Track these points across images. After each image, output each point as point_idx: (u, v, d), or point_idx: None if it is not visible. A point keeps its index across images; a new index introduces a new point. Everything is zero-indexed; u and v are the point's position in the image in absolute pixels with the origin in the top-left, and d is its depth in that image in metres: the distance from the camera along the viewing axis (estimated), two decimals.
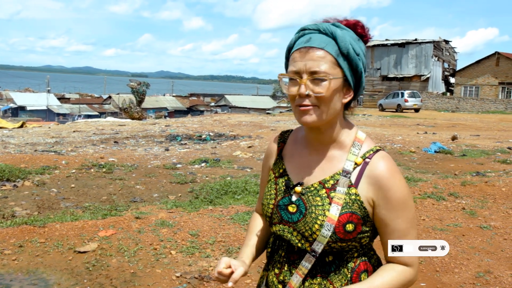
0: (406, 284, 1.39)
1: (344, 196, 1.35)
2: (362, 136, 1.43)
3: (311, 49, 1.31)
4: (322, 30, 1.34)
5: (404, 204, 1.36)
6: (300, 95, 1.32)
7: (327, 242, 1.35)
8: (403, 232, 1.38)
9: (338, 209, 1.34)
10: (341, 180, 1.37)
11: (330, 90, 1.31)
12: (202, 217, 5.60)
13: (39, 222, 5.06)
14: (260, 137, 15.15)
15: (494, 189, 7.00)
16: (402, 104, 34.72)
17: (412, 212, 1.39)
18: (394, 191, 1.34)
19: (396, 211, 1.35)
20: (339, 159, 1.41)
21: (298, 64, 1.32)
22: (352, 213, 1.34)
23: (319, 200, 1.38)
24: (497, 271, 4.27)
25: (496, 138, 15.80)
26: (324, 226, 1.34)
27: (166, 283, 3.90)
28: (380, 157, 1.37)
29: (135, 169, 9.01)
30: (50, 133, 17.39)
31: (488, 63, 43.91)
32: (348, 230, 1.34)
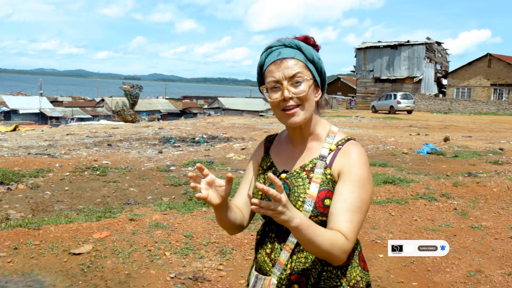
0: (336, 247, 1.43)
1: (321, 176, 1.56)
2: (335, 129, 1.67)
3: (284, 59, 1.56)
4: (288, 44, 1.59)
5: (362, 183, 1.53)
6: (284, 99, 1.55)
7: (310, 216, 1.52)
8: (352, 206, 1.50)
9: (316, 187, 1.54)
10: (318, 163, 1.58)
11: (307, 89, 1.56)
12: (196, 218, 5.63)
13: (33, 224, 5.07)
14: (253, 139, 15.19)
15: (485, 190, 7.07)
16: (394, 105, 34.89)
17: (367, 195, 1.54)
18: (356, 168, 1.54)
19: (353, 186, 1.52)
20: (317, 148, 1.64)
21: (276, 74, 1.56)
22: (329, 190, 1.54)
23: (300, 181, 1.58)
24: (488, 270, 4.33)
25: (488, 139, 15.93)
26: (306, 202, 1.53)
27: (160, 284, 3.93)
28: (351, 143, 1.60)
29: (129, 171, 9.02)
30: (43, 136, 17.34)
31: (480, 64, 44.19)
32: (326, 205, 1.53)
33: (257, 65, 1.66)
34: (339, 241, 1.45)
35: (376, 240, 5.11)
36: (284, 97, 1.54)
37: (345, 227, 1.47)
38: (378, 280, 4.17)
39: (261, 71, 1.63)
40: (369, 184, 1.56)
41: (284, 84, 1.54)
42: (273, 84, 1.56)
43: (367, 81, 49.69)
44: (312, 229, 1.39)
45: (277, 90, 1.56)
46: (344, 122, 23.99)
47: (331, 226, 1.49)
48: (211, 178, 1.48)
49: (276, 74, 1.55)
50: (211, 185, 1.49)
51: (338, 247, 1.44)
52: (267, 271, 1.63)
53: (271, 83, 1.57)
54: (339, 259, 1.48)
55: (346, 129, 18.67)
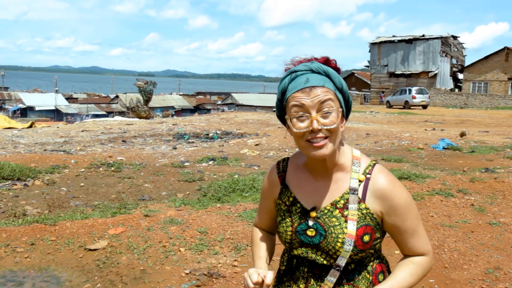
0: (426, 270, 1.57)
1: (356, 212, 1.51)
2: (358, 154, 1.59)
3: (314, 88, 1.44)
4: (315, 69, 1.48)
5: (408, 207, 1.53)
6: (313, 130, 1.43)
7: (349, 255, 1.50)
8: (413, 229, 1.55)
9: (354, 224, 1.49)
10: (351, 197, 1.52)
11: (338, 121, 1.46)
12: (210, 214, 5.63)
13: (50, 220, 5.12)
14: (267, 135, 15.16)
15: (503, 186, 6.96)
16: (409, 100, 34.55)
17: (415, 210, 1.56)
18: (398, 198, 1.52)
19: (403, 214, 1.52)
20: (344, 180, 1.55)
21: (304, 101, 1.44)
22: (367, 225, 1.51)
23: (335, 220, 1.52)
24: (507, 267, 4.26)
25: (506, 134, 15.70)
26: (346, 242, 1.49)
27: (175, 280, 3.94)
28: (378, 172, 1.55)
29: (143, 167, 9.06)
30: (59, 133, 17.51)
31: (497, 58, 43.50)
32: (365, 241, 1.51)
33: (278, 89, 1.54)
34: (424, 264, 1.57)
35: None
36: (313, 129, 1.43)
37: (418, 248, 1.56)
38: None
39: (283, 97, 1.51)
40: (411, 200, 1.56)
41: (313, 114, 1.43)
42: (300, 113, 1.44)
43: (382, 76, 49.29)
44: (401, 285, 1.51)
45: (304, 119, 1.44)
46: (358, 117, 23.82)
47: (406, 253, 1.59)
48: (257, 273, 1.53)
49: (304, 101, 1.43)
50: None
51: (426, 268, 1.57)
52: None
53: (298, 112, 1.45)
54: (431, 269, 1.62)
55: (361, 125, 18.54)
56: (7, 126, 23.56)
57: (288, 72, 1.51)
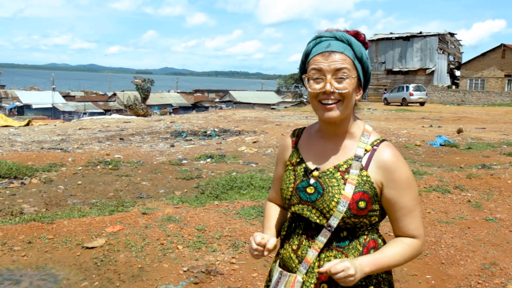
0: (415, 254, 1.59)
1: (356, 177, 1.55)
2: (369, 128, 1.66)
3: (333, 53, 1.53)
4: (339, 37, 1.56)
5: (409, 184, 1.57)
6: (325, 92, 1.54)
7: (342, 217, 1.53)
8: (409, 208, 1.57)
9: (352, 188, 1.54)
10: (354, 163, 1.57)
11: (352, 87, 1.55)
12: (208, 212, 5.64)
13: (47, 218, 5.11)
14: (265, 133, 15.17)
15: (499, 182, 6.99)
16: (407, 97, 34.58)
17: (416, 191, 1.60)
18: (399, 173, 1.56)
19: (402, 190, 1.56)
20: (351, 147, 1.62)
21: (322, 65, 1.53)
22: (364, 192, 1.54)
23: (334, 181, 1.57)
24: (503, 263, 4.29)
25: (502, 131, 15.74)
26: (340, 202, 1.53)
27: (173, 277, 3.94)
28: (385, 145, 1.60)
29: (141, 165, 9.06)
30: (56, 131, 17.49)
31: (493, 55, 43.57)
32: (360, 207, 1.53)
33: (302, 52, 1.64)
34: (415, 247, 1.58)
35: (390, 233, 5.07)
36: (325, 90, 1.53)
37: (411, 229, 1.58)
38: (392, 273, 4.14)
39: (306, 59, 1.61)
40: (413, 179, 1.59)
41: (327, 77, 1.53)
42: (317, 75, 1.55)
43: (379, 73, 49.32)
44: (386, 260, 1.53)
45: (320, 81, 1.55)
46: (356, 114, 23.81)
47: (398, 233, 1.62)
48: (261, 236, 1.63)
49: (321, 65, 1.53)
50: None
51: (416, 252, 1.59)
52: (293, 268, 1.63)
53: (315, 74, 1.55)
54: (421, 254, 1.63)
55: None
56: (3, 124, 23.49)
57: (314, 37, 1.61)
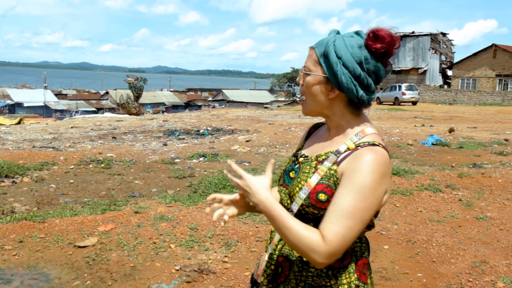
0: (307, 244, 1.38)
1: (326, 170, 1.49)
2: (369, 131, 1.53)
3: (311, 48, 1.56)
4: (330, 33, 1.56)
5: (361, 190, 1.39)
6: (298, 84, 1.58)
7: (301, 204, 1.49)
8: (342, 210, 1.38)
9: (317, 178, 1.49)
10: (331, 157, 1.51)
11: (307, 83, 1.54)
12: (201, 211, 5.64)
13: (38, 217, 5.09)
14: (258, 131, 15.18)
15: (490, 181, 7.05)
16: (399, 97, 34.73)
17: (364, 204, 1.39)
18: (359, 173, 1.40)
19: (349, 190, 1.40)
20: (339, 142, 1.55)
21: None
22: (328, 186, 1.46)
23: (308, 168, 1.55)
24: (493, 261, 4.32)
25: (493, 130, 15.85)
26: (302, 189, 1.50)
27: (165, 276, 3.94)
28: (371, 148, 1.45)
29: (134, 164, 9.04)
30: (48, 129, 17.39)
31: (485, 55, 43.88)
32: (320, 199, 1.46)
33: None
34: (310, 240, 1.37)
35: (381, 232, 5.10)
36: (296, 82, 1.59)
37: (327, 228, 1.38)
38: (383, 271, 4.17)
39: None
40: (372, 194, 1.39)
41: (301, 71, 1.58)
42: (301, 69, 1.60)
43: None
44: (280, 213, 1.42)
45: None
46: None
47: (319, 226, 1.43)
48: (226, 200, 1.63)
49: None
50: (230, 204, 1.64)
51: (307, 245, 1.37)
52: (267, 248, 1.68)
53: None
54: (312, 260, 1.38)
55: None
56: None
57: None
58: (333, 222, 1.38)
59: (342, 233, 1.37)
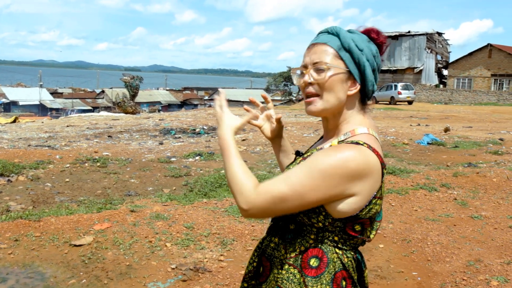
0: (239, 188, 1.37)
1: None
2: (359, 131, 1.47)
3: (316, 44, 1.48)
4: (330, 31, 1.50)
5: (312, 167, 1.34)
6: (305, 83, 1.48)
7: None
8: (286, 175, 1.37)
9: None
10: (314, 153, 1.47)
11: (329, 78, 1.44)
12: (197, 209, 5.64)
13: (34, 216, 5.08)
14: (254, 130, 15.18)
15: (485, 180, 7.08)
16: (395, 96, 34.80)
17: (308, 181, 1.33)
18: (318, 153, 1.39)
19: (302, 163, 1.39)
20: (330, 141, 1.52)
21: (305, 58, 1.50)
22: None
23: (293, 165, 1.55)
24: (487, 260, 4.35)
25: (488, 130, 15.91)
26: None
27: (161, 275, 3.95)
28: (349, 145, 1.38)
29: (130, 163, 9.03)
30: (44, 128, 17.34)
31: (480, 55, 44.02)
32: None
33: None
34: (244, 182, 1.37)
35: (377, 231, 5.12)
36: (304, 81, 1.47)
37: (264, 182, 1.37)
38: (378, 270, 4.19)
39: None
40: (322, 178, 1.32)
41: (308, 68, 1.48)
42: (301, 68, 1.50)
43: None
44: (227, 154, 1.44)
45: (304, 75, 1.49)
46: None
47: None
48: (271, 113, 1.78)
49: (305, 58, 1.49)
50: (269, 119, 1.78)
51: (238, 185, 1.37)
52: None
53: (300, 67, 1.52)
54: (237, 203, 1.38)
55: None
56: None
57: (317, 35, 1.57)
58: (272, 181, 1.37)
59: (272, 192, 1.34)
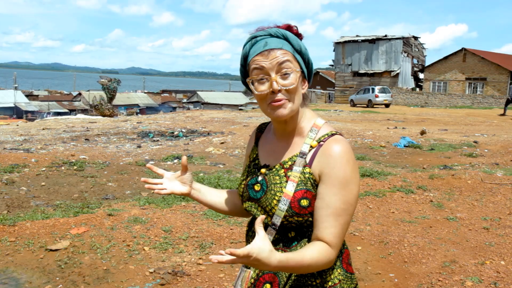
0: (325, 263, 1.43)
1: (299, 175, 1.48)
2: (320, 123, 1.56)
3: (272, 50, 1.47)
4: (274, 34, 1.50)
5: (344, 184, 1.43)
6: (273, 91, 1.46)
7: (284, 216, 1.48)
8: (335, 210, 1.43)
9: (293, 186, 1.48)
10: (298, 160, 1.50)
11: (297, 81, 1.48)
12: (175, 213, 5.62)
13: (8, 221, 4.99)
14: (233, 133, 15.18)
15: (460, 182, 7.21)
16: (372, 99, 35.21)
17: (351, 196, 1.44)
18: (338, 169, 1.43)
19: (335, 188, 1.43)
20: (299, 144, 1.55)
21: (263, 63, 1.47)
22: (307, 190, 1.47)
23: (277, 178, 1.53)
24: (462, 261, 4.43)
25: (463, 132, 16.21)
26: (281, 201, 1.48)
27: (139, 279, 3.92)
28: (334, 140, 1.48)
29: (107, 166, 8.93)
30: (19, 131, 17.03)
31: (455, 59, 44.87)
32: (303, 205, 1.46)
33: (240, 56, 1.57)
34: (323, 255, 1.41)
35: (354, 233, 5.17)
36: (273, 90, 1.45)
37: (329, 233, 1.42)
38: (356, 272, 4.23)
39: (245, 63, 1.55)
40: (354, 183, 1.45)
41: (272, 76, 1.45)
42: (260, 75, 1.47)
43: (346, 75, 50.03)
44: (294, 261, 1.36)
45: (264, 82, 1.47)
46: (323, 115, 24.09)
47: (316, 233, 1.46)
48: (168, 175, 1.69)
49: (263, 63, 1.46)
50: (173, 179, 1.69)
51: (323, 261, 1.42)
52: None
53: (258, 75, 1.48)
54: (327, 267, 1.47)
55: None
56: None
57: (249, 38, 1.53)
58: (332, 225, 1.43)
59: (342, 231, 1.44)
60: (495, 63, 42.45)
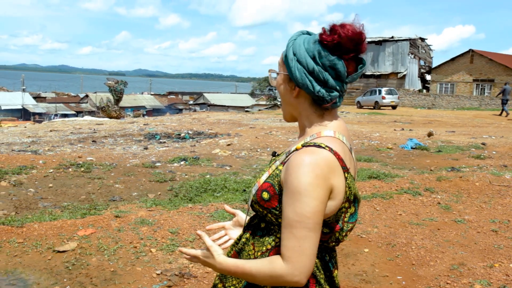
0: (277, 276, 1.36)
1: (274, 169, 1.51)
2: (325, 133, 1.48)
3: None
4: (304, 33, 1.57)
5: (296, 195, 1.35)
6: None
7: (252, 200, 1.52)
8: (288, 221, 1.36)
9: (266, 176, 1.52)
10: (282, 157, 1.53)
11: (278, 83, 1.58)
12: (182, 215, 5.62)
13: (16, 222, 5.01)
14: (239, 135, 15.18)
15: (468, 184, 7.17)
16: (379, 101, 35.10)
17: (307, 209, 1.34)
18: (293, 178, 1.36)
19: (288, 198, 1.37)
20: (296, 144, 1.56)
21: None
22: (271, 185, 1.47)
23: (267, 168, 1.58)
24: (470, 263, 4.40)
25: (471, 134, 16.13)
26: (254, 185, 1.54)
27: (146, 280, 3.92)
28: (307, 149, 1.41)
29: (114, 168, 8.96)
30: (26, 133, 17.13)
31: (462, 60, 44.65)
32: (263, 197, 1.47)
33: None
34: (274, 269, 1.36)
35: (361, 235, 5.15)
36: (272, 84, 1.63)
37: (283, 246, 1.36)
38: (364, 274, 4.21)
39: None
40: (310, 197, 1.34)
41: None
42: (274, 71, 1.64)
43: None
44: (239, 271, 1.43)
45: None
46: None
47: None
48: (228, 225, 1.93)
49: None
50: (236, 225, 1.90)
51: (274, 276, 1.36)
52: None
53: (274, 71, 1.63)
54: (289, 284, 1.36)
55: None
56: None
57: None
58: (285, 237, 1.36)
59: (297, 245, 1.34)
60: (503, 64, 42.19)
